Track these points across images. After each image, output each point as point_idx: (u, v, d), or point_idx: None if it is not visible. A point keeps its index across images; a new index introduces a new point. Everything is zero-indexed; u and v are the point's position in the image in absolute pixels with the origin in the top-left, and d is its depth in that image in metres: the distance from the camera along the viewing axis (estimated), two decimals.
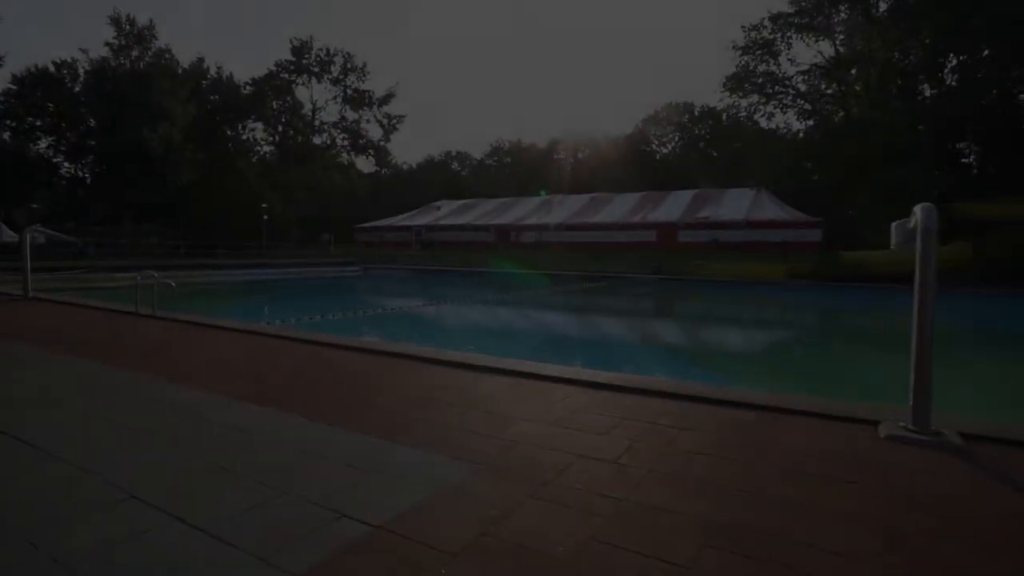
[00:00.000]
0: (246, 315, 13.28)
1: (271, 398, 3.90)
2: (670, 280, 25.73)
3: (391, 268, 34.07)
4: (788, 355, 9.72)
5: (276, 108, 46.03)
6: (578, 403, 3.89)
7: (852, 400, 3.93)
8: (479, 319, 13.72)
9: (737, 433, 3.29)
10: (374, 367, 4.99)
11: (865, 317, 15.62)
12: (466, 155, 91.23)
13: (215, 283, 23.89)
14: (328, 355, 5.49)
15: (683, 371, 8.04)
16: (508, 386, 4.35)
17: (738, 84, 37.63)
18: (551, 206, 53.60)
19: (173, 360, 5.22)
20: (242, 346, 5.99)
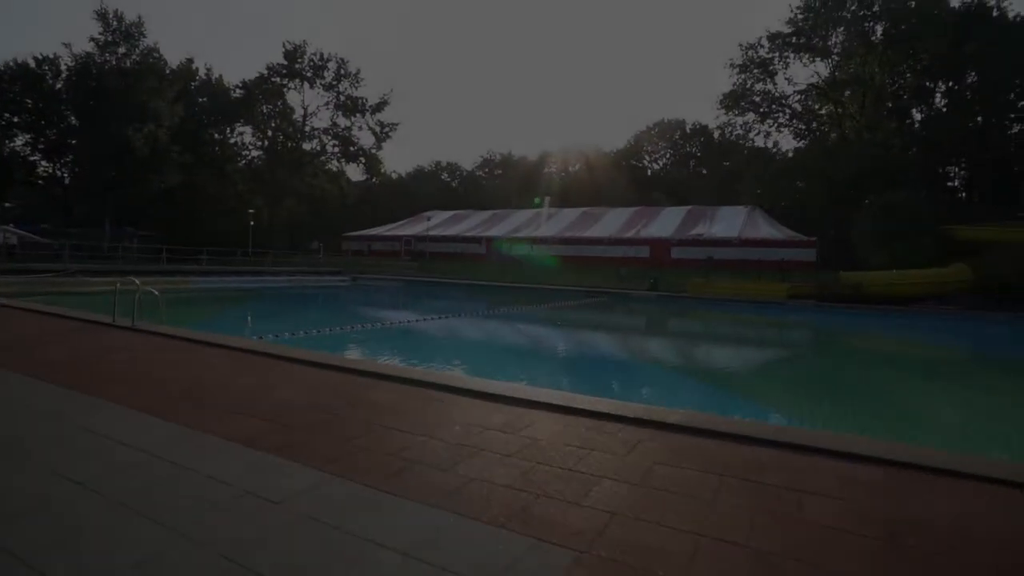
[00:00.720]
0: (233, 327, 12.43)
1: (280, 442, 3.15)
2: (672, 298, 25.24)
3: (381, 278, 33.19)
4: (838, 388, 9.12)
5: (266, 112, 45.02)
6: (653, 450, 3.21)
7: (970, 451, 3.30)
8: (482, 338, 12.99)
9: (877, 500, 2.62)
10: (394, 399, 4.25)
11: (901, 343, 15.02)
12: (456, 166, 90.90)
13: (199, 291, 22.84)
14: (336, 381, 4.74)
15: (733, 405, 7.38)
16: (570, 428, 3.65)
17: (735, 102, 37.74)
18: (543, 219, 53.24)
19: (154, 385, 4.43)
20: (234, 367, 5.22)
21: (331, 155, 48.08)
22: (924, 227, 25.94)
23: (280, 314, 17.26)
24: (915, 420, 7.02)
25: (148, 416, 3.55)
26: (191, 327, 10.83)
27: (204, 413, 3.67)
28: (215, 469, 2.72)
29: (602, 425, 3.74)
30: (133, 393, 4.10)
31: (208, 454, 2.93)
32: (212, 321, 13.62)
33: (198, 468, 2.73)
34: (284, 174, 45.56)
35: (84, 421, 3.43)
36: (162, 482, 2.57)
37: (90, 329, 7.42)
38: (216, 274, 25.59)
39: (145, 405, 3.78)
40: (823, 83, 34.65)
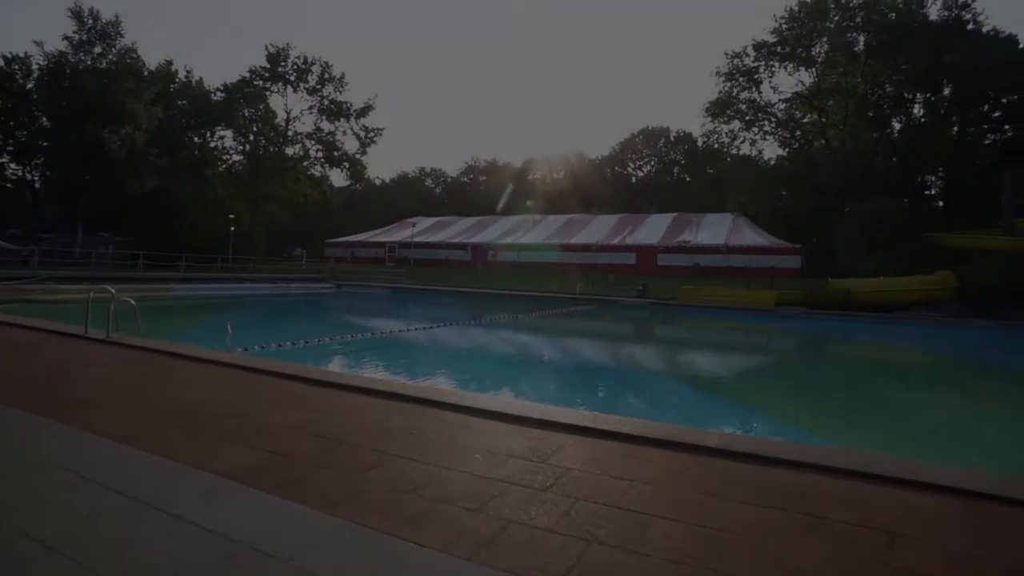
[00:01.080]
0: (216, 339, 11.84)
1: (280, 478, 2.75)
2: (662, 305, 25.10)
3: (366, 285, 32.56)
4: (855, 400, 8.91)
5: (248, 116, 44.10)
6: (699, 479, 2.87)
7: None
8: (481, 348, 12.58)
9: (967, 539, 2.32)
10: (404, 423, 3.86)
11: (909, 352, 14.89)
12: (440, 172, 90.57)
13: (179, 299, 22.07)
14: (336, 401, 4.34)
15: (751, 420, 7.09)
16: (601, 453, 3.30)
17: (721, 110, 38.05)
18: (528, 226, 53.05)
19: (132, 408, 3.97)
20: (221, 386, 4.78)
21: (314, 160, 47.31)
22: (909, 235, 26.27)
23: (265, 323, 16.68)
24: (956, 437, 6.77)
25: (126, 447, 3.12)
26: (171, 339, 10.28)
27: (192, 442, 3.24)
28: (209, 517, 2.31)
29: (634, 450, 3.40)
30: (108, 418, 3.65)
31: (198, 496, 2.52)
32: (193, 331, 13.03)
33: (187, 515, 2.32)
34: (266, 179, 44.65)
35: (49, 454, 2.99)
36: (147, 538, 2.16)
37: (59, 342, 6.88)
38: (196, 281, 24.79)
39: (123, 432, 3.34)
40: (807, 92, 35.12)
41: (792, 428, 6.69)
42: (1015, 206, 26.17)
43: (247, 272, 29.85)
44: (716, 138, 40.44)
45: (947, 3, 31.14)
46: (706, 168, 70.16)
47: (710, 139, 41.29)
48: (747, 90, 36.84)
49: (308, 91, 43.97)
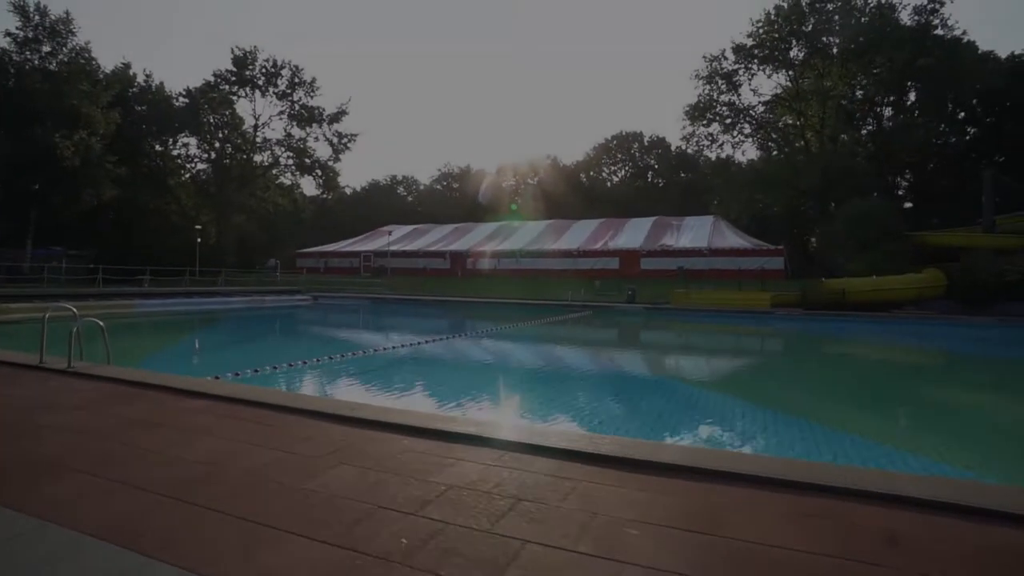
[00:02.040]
0: (195, 363, 10.53)
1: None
2: (657, 309, 24.47)
3: (344, 297, 31.05)
4: (885, 404, 8.23)
5: (213, 123, 41.93)
6: (765, 520, 1.95)
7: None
8: (495, 364, 11.45)
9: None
10: (484, 472, 2.83)
11: (939, 354, 14.37)
12: (412, 180, 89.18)
13: (143, 315, 20.31)
14: (389, 447, 3.27)
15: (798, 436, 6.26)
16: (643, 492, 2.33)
17: (700, 113, 38.03)
18: (507, 233, 52.18)
19: (116, 474, 2.83)
20: (231, 430, 3.65)
21: (284, 168, 45.31)
22: (895, 234, 26.39)
23: (245, 341, 15.24)
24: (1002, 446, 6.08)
25: (131, 554, 2.01)
26: (143, 365, 8.94)
27: (226, 534, 2.15)
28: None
29: (667, 483, 2.45)
30: (93, 499, 2.51)
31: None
32: (166, 353, 11.59)
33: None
34: (233, 188, 42.55)
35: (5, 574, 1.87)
36: None
37: (7, 376, 5.57)
38: (162, 296, 22.98)
39: (119, 525, 2.23)
40: (786, 95, 35.37)
41: (861, 440, 5.88)
42: (995, 204, 26.63)
43: (218, 286, 27.99)
44: (696, 141, 40.36)
45: (918, 8, 31.76)
46: (680, 172, 70.78)
47: (689, 142, 41.20)
48: (726, 93, 36.93)
49: (278, 96, 42.12)
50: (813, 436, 6.11)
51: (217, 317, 21.19)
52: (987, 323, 19.18)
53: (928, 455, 5.55)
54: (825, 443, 5.82)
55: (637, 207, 58.56)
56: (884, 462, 5.11)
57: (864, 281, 23.76)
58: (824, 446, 5.69)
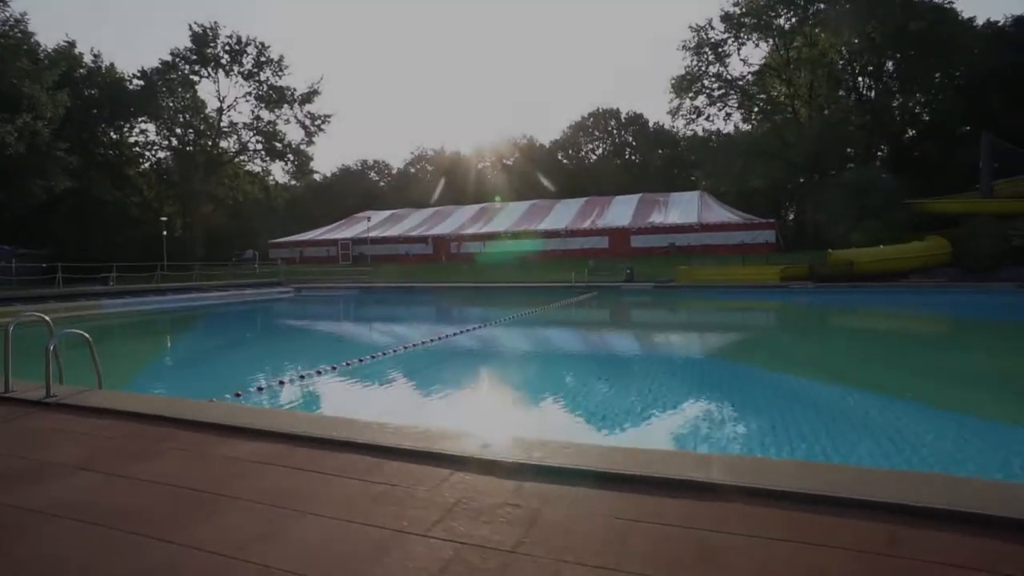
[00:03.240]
0: (200, 376, 9.03)
1: None
2: (666, 287, 23.60)
3: (330, 287, 29.31)
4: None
5: (173, 106, 38.81)
6: None
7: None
8: (557, 356, 10.24)
9: None
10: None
11: (985, 325, 13.59)
12: (385, 164, 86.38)
13: (113, 317, 18.37)
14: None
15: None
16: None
17: (688, 85, 36.98)
18: (490, 215, 50.69)
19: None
20: (334, 499, 2.33)
21: (253, 153, 42.47)
22: (895, 202, 26.04)
23: (241, 343, 13.60)
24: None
25: None
26: (133, 383, 7.46)
27: None
28: None
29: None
30: None
31: None
32: (155, 366, 9.95)
33: None
34: (198, 177, 39.78)
35: None
36: None
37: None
38: (132, 295, 20.94)
39: None
40: (775, 63, 34.57)
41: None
42: (992, 170, 26.48)
43: (193, 280, 25.86)
44: (683, 115, 39.37)
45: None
46: (658, 148, 70.05)
47: (676, 116, 40.18)
48: (715, 64, 35.93)
49: (244, 76, 39.12)
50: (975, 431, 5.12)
51: (197, 315, 19.37)
52: (1004, 289, 18.84)
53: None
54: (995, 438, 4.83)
55: (617, 185, 57.64)
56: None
57: (872, 251, 23.33)
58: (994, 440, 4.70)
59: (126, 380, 7.45)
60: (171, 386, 7.68)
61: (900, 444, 4.70)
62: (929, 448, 4.67)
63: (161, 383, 7.83)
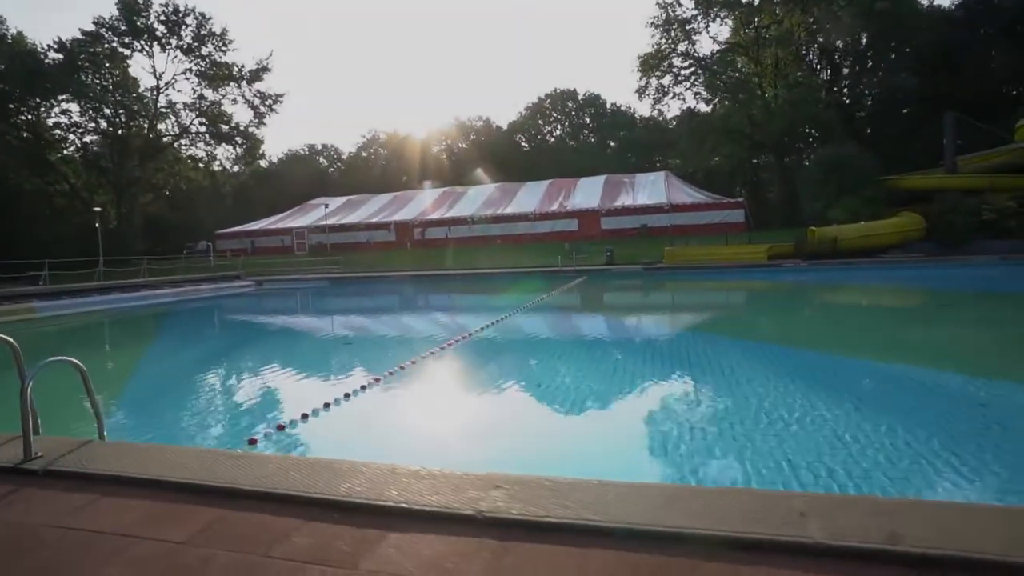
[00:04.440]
0: (201, 408, 7.51)
1: None
2: (657, 269, 22.99)
3: (294, 279, 27.15)
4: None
5: (99, 84, 34.64)
6: None
7: None
8: (617, 348, 9.20)
9: None
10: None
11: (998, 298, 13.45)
12: (334, 148, 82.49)
13: (50, 321, 15.96)
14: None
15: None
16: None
17: (656, 63, 36.35)
18: (453, 199, 48.95)
19: None
20: None
21: (196, 136, 38.77)
22: (868, 179, 26.40)
23: (222, 352, 11.76)
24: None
25: None
26: (110, 421, 5.95)
27: None
28: None
29: None
30: None
31: None
32: (118, 389, 8.15)
33: None
34: (134, 163, 36.07)
35: None
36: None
37: None
38: (71, 295, 18.38)
39: None
40: (744, 41, 34.41)
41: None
42: (956, 146, 27.24)
43: (141, 276, 23.17)
44: (650, 94, 38.83)
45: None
46: (618, 130, 69.82)
47: (642, 95, 39.61)
48: (683, 41, 35.43)
49: (183, 50, 35.31)
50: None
51: (153, 315, 17.20)
52: (990, 262, 19.24)
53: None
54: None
55: (577, 167, 56.95)
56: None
57: (855, 227, 23.50)
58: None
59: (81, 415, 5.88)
60: (153, 420, 6.14)
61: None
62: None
63: (137, 417, 6.24)
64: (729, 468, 3.83)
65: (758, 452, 4.03)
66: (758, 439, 4.29)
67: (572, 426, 5.07)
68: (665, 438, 4.54)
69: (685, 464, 4.02)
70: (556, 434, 4.92)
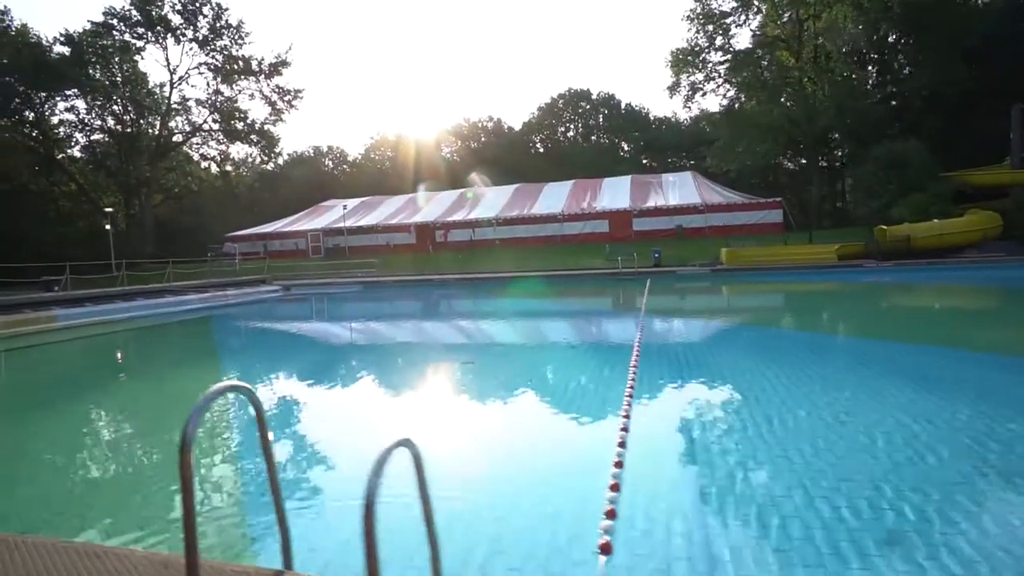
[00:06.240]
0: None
1: None
2: (724, 272, 21.43)
3: (324, 284, 25.40)
4: None
5: (108, 78, 32.71)
6: None
7: None
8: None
9: None
10: None
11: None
12: (340, 151, 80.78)
13: (74, 330, 14.16)
14: None
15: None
16: None
17: (692, 59, 34.80)
18: (473, 201, 47.24)
19: None
20: None
21: (209, 135, 36.79)
22: (932, 176, 24.98)
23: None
24: None
25: None
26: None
27: None
28: None
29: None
30: None
31: None
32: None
33: None
34: (143, 163, 34.23)
35: None
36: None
37: None
38: (92, 301, 16.59)
39: None
40: (786, 34, 32.94)
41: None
42: (1023, 141, 25.84)
43: (166, 281, 21.31)
44: (683, 92, 37.33)
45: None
46: (633, 130, 68.48)
47: (673, 92, 38.11)
48: (720, 36, 33.92)
49: (198, 43, 33.38)
50: None
51: (190, 324, 15.44)
52: None
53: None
54: None
55: (593, 167, 55.42)
56: None
57: (928, 226, 22.00)
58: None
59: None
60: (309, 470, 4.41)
61: None
62: None
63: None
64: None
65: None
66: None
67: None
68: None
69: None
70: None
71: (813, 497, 3.17)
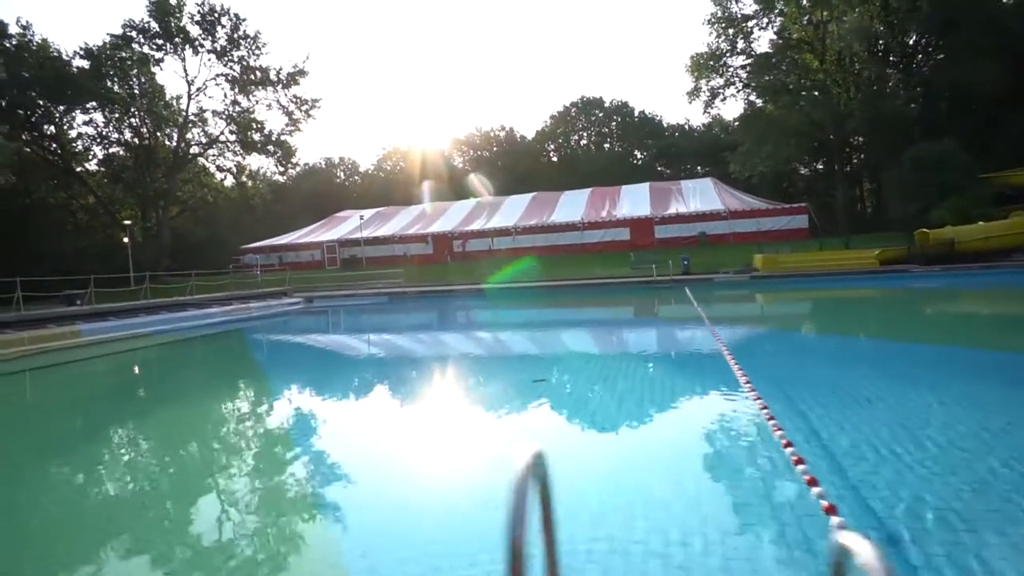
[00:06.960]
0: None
1: None
2: (764, 278, 20.68)
3: (348, 295, 24.85)
4: None
5: (127, 90, 32.61)
6: None
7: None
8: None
9: None
10: None
11: None
12: (352, 162, 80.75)
13: (98, 345, 13.64)
14: None
15: None
16: None
17: (714, 62, 34.25)
18: (489, 211, 46.72)
19: None
20: None
21: (225, 146, 36.53)
22: (972, 177, 24.18)
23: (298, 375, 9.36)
24: None
25: None
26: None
27: None
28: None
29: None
30: None
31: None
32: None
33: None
34: (160, 175, 34.02)
35: None
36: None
37: None
38: (116, 315, 16.09)
39: None
40: (809, 36, 32.33)
41: None
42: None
43: (189, 294, 20.80)
44: (703, 97, 36.76)
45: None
46: (647, 138, 67.99)
47: (692, 98, 37.55)
48: (742, 39, 33.37)
49: (216, 54, 33.21)
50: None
51: (218, 338, 14.89)
52: None
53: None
54: None
55: (607, 175, 54.85)
56: None
57: (973, 229, 21.17)
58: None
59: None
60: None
61: None
62: None
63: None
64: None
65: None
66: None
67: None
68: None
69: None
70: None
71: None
